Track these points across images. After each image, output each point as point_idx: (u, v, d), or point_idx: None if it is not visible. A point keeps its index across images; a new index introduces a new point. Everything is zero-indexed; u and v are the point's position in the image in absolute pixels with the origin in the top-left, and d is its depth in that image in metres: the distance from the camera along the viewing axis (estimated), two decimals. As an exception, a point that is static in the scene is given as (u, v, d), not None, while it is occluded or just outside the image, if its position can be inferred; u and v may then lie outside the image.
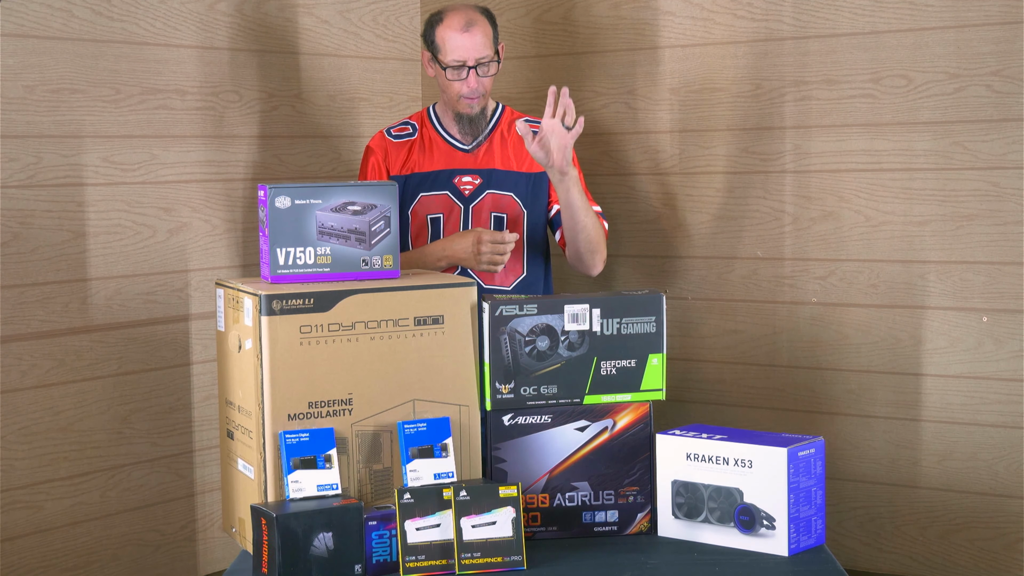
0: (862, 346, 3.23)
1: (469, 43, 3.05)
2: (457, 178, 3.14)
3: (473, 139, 3.17)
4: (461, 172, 3.15)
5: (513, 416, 2.62)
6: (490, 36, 3.09)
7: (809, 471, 2.53)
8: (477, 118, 3.13)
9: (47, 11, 2.96)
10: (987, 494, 3.11)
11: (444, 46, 3.08)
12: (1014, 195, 3.02)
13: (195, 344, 3.27)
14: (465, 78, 3.07)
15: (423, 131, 3.19)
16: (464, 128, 3.15)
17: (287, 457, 2.45)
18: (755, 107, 3.33)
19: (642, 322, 2.64)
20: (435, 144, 3.17)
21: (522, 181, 3.15)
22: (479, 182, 3.14)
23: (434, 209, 3.13)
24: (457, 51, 3.06)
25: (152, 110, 3.17)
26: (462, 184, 3.13)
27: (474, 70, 3.07)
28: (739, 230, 3.37)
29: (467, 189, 3.13)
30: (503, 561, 2.44)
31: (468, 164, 3.15)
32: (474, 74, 3.07)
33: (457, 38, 3.06)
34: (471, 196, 3.13)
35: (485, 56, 3.07)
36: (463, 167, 3.15)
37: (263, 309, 2.46)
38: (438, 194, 3.13)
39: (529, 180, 3.16)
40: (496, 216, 3.14)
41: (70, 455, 3.05)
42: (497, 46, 3.12)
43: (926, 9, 3.09)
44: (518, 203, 3.14)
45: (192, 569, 3.30)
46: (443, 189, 3.13)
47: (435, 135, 3.18)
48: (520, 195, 3.14)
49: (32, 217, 2.96)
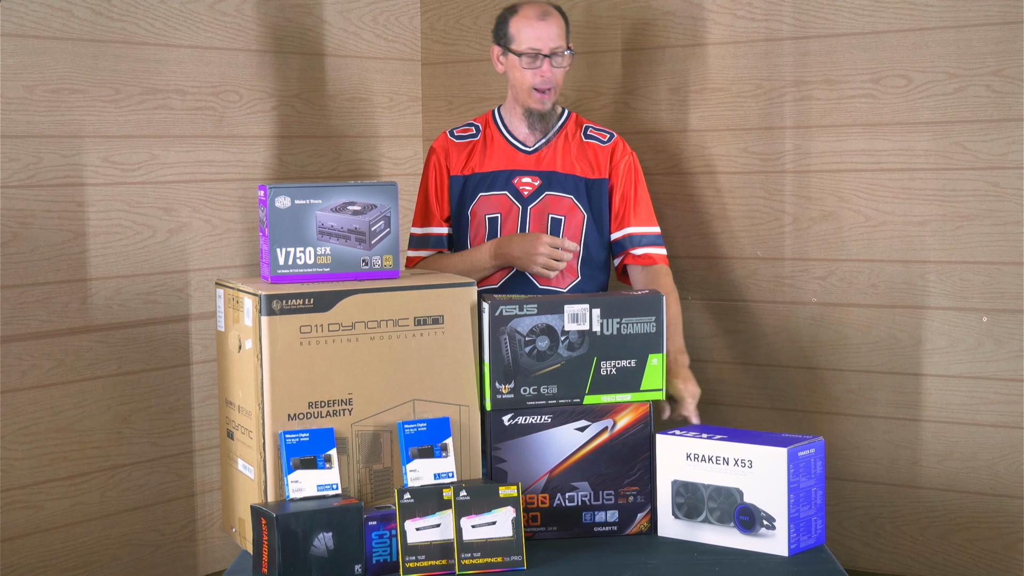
0: (862, 346, 3.23)
1: (545, 32, 3.04)
2: (517, 179, 3.12)
3: (540, 137, 3.14)
4: (521, 173, 3.12)
5: (513, 416, 2.62)
6: (564, 29, 3.07)
7: (809, 471, 2.53)
8: (548, 115, 3.11)
9: (47, 11, 2.96)
10: (987, 494, 3.11)
11: (519, 35, 3.06)
12: (1014, 195, 3.02)
13: (195, 344, 3.27)
14: (540, 67, 3.05)
15: (486, 131, 3.16)
16: (533, 124, 3.12)
17: (287, 457, 2.45)
18: (755, 107, 3.33)
19: (642, 322, 2.64)
20: (497, 144, 3.15)
21: (582, 185, 3.11)
22: (538, 183, 3.11)
23: (492, 209, 3.11)
24: (533, 40, 3.04)
25: (152, 110, 3.17)
26: (521, 185, 3.11)
27: (548, 59, 3.04)
28: (739, 230, 3.37)
29: (526, 190, 3.11)
30: (503, 561, 2.44)
31: (528, 165, 3.12)
32: (548, 63, 3.04)
33: (533, 27, 3.04)
34: (530, 197, 3.10)
35: (559, 47, 3.05)
36: (523, 168, 3.13)
37: (263, 309, 2.46)
38: (497, 194, 3.11)
39: (589, 185, 3.12)
40: (554, 218, 3.10)
41: (70, 455, 3.05)
42: (569, 43, 3.11)
43: (926, 9, 3.09)
44: (578, 206, 3.11)
45: (192, 569, 3.30)
46: (502, 189, 3.11)
47: (497, 135, 3.16)
48: (579, 198, 3.11)
49: (32, 217, 2.96)
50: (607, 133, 3.16)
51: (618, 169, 3.12)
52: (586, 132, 3.16)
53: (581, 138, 3.14)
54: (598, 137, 3.15)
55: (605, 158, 3.12)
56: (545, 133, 3.14)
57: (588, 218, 3.11)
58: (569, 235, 3.09)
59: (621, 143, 3.16)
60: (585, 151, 3.13)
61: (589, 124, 3.17)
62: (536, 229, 3.08)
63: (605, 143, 3.14)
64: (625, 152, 3.15)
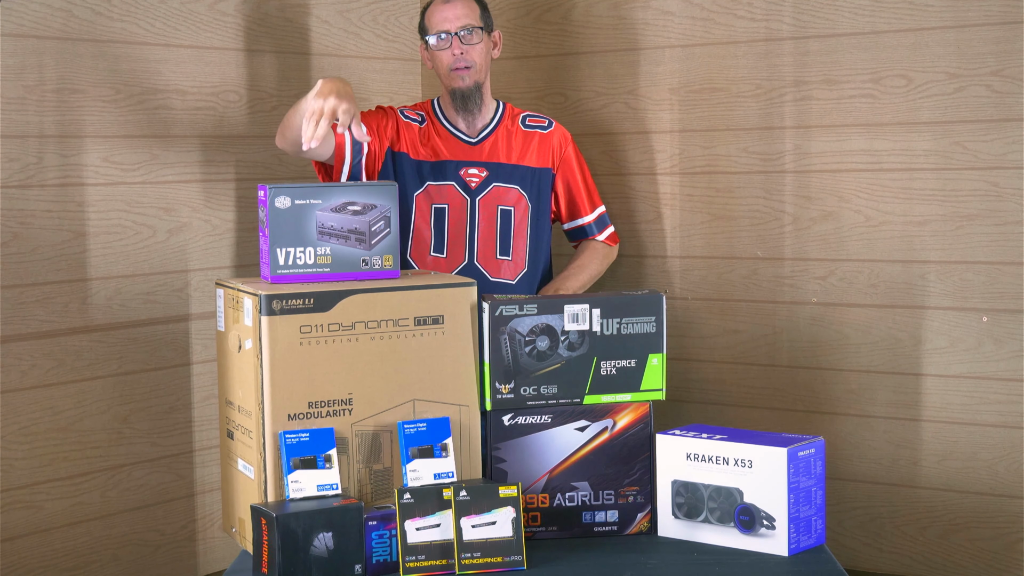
0: (862, 346, 3.23)
1: (451, 12, 3.13)
2: (463, 170, 3.16)
3: (476, 129, 3.20)
4: (468, 164, 3.17)
5: (513, 416, 2.62)
6: (475, 10, 3.16)
7: (809, 471, 2.53)
8: (471, 94, 3.15)
9: (47, 11, 2.96)
10: (987, 494, 3.11)
11: (430, 23, 3.17)
12: (1014, 195, 3.02)
13: (195, 344, 3.27)
14: (449, 46, 3.12)
15: (431, 122, 3.21)
16: (459, 106, 3.16)
17: (287, 457, 2.45)
18: (755, 107, 3.33)
19: (642, 322, 2.64)
20: (442, 135, 3.19)
21: (528, 175, 3.18)
22: (485, 175, 3.16)
23: (440, 199, 3.15)
24: (440, 22, 3.13)
25: (152, 110, 3.17)
26: (468, 176, 3.15)
27: (457, 37, 3.11)
28: (739, 230, 3.37)
29: (473, 182, 3.15)
30: (503, 561, 2.44)
31: (474, 156, 3.17)
32: (458, 41, 3.12)
33: (440, 11, 3.15)
34: (477, 189, 3.15)
35: (468, 24, 3.13)
36: (469, 159, 3.17)
37: (263, 309, 2.46)
38: (445, 184, 3.15)
39: (534, 174, 3.19)
40: (503, 209, 3.15)
41: (70, 455, 3.05)
42: (488, 25, 3.18)
43: (926, 9, 3.09)
44: (524, 196, 3.17)
45: (192, 569, 3.29)
46: (450, 180, 3.15)
47: (440, 126, 3.21)
48: (525, 188, 3.17)
49: (32, 217, 2.96)
50: (545, 119, 3.25)
51: (564, 160, 3.23)
52: (524, 121, 3.24)
53: (520, 127, 3.22)
54: (538, 125, 3.23)
55: (548, 148, 3.22)
56: (475, 119, 3.19)
57: (534, 208, 3.17)
58: (517, 225, 3.16)
59: (560, 130, 3.25)
60: (528, 140, 3.21)
61: (526, 113, 3.26)
62: (485, 221, 3.14)
63: (546, 130, 3.23)
64: (566, 140, 3.25)
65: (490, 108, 3.22)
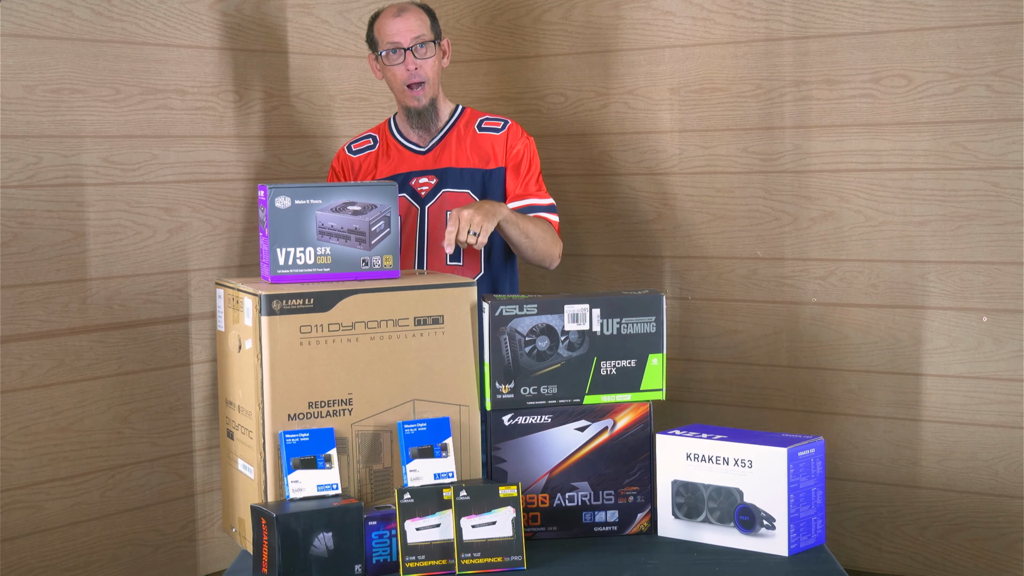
0: (862, 346, 3.23)
1: (403, 26, 3.07)
2: (414, 180, 3.13)
3: (428, 139, 3.16)
4: (417, 174, 3.14)
5: (513, 416, 2.62)
6: (426, 22, 3.10)
7: (809, 471, 2.53)
8: (426, 111, 3.11)
9: (47, 11, 2.96)
10: (987, 494, 3.11)
11: (380, 36, 3.10)
12: (1014, 195, 3.02)
13: (195, 344, 3.27)
14: (403, 61, 3.07)
15: (384, 140, 3.19)
16: (413, 123, 3.13)
17: (287, 457, 2.45)
18: (755, 107, 3.33)
19: (642, 322, 2.64)
20: (393, 150, 3.17)
21: (478, 177, 3.13)
22: (435, 182, 3.12)
23: None
24: (391, 35, 3.07)
25: (152, 110, 3.17)
26: (418, 186, 3.12)
27: (410, 52, 3.06)
28: (739, 230, 3.38)
29: (423, 190, 3.12)
30: (503, 561, 2.44)
31: (424, 165, 3.14)
32: (411, 56, 3.06)
33: (391, 23, 3.08)
34: (427, 197, 3.11)
35: (420, 37, 3.07)
36: (419, 168, 3.14)
37: (263, 309, 2.46)
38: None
39: (485, 176, 3.13)
40: None
41: (70, 455, 3.05)
42: (438, 37, 3.12)
43: (926, 9, 3.09)
44: (475, 200, 3.10)
45: (192, 569, 3.30)
46: (401, 192, 3.10)
47: (393, 142, 3.18)
48: (477, 192, 3.12)
49: (32, 217, 2.96)
50: (501, 121, 3.18)
51: (513, 155, 3.13)
52: (480, 125, 3.17)
53: (475, 131, 3.16)
54: (492, 127, 3.16)
55: (500, 147, 3.14)
56: (430, 132, 3.15)
57: None
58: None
59: (515, 129, 3.17)
60: (480, 143, 3.15)
61: (484, 116, 3.19)
62: (435, 228, 3.10)
63: (499, 131, 3.16)
64: (519, 137, 3.15)
65: (444, 114, 3.18)
